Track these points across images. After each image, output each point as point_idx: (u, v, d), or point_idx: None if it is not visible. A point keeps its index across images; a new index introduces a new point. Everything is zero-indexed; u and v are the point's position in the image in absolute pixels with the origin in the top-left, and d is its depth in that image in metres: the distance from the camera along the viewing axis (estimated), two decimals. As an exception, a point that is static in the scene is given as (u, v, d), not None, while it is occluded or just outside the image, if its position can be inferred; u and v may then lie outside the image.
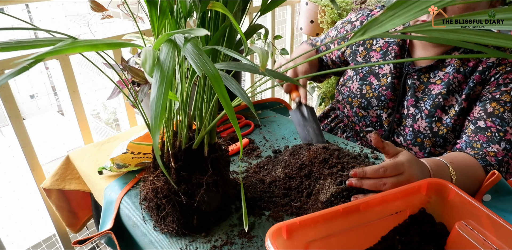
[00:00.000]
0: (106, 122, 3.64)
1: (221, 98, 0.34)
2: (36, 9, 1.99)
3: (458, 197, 0.51)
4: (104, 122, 3.64)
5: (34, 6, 1.49)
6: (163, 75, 0.33)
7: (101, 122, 3.60)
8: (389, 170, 0.56)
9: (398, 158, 0.60)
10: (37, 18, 2.66)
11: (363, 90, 0.94)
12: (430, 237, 0.53)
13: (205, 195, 0.62)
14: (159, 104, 0.30)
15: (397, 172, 0.57)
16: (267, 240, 0.44)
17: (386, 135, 0.94)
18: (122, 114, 1.22)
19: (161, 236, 0.63)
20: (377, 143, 0.59)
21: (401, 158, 0.59)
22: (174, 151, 0.63)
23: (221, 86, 0.34)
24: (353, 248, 0.52)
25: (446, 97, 0.84)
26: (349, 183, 0.58)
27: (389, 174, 0.56)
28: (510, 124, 0.78)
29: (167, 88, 0.31)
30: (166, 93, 0.31)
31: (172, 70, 0.35)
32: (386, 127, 0.94)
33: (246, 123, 1.03)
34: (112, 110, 3.70)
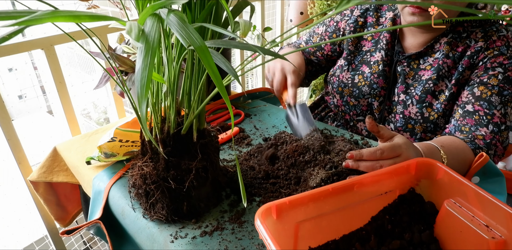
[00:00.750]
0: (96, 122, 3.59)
1: (209, 70, 0.34)
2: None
3: (446, 176, 0.51)
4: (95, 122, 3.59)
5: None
6: (148, 46, 0.32)
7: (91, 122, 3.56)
8: (386, 152, 0.56)
9: (395, 140, 0.59)
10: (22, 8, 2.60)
11: (355, 80, 0.94)
12: (420, 216, 0.53)
13: (195, 180, 0.61)
14: (144, 75, 0.29)
15: (394, 154, 0.57)
16: (257, 220, 0.43)
17: (377, 122, 0.94)
18: (111, 107, 1.20)
19: (151, 224, 0.63)
20: (372, 127, 0.58)
21: (397, 140, 0.59)
22: (162, 136, 0.62)
23: (209, 58, 0.34)
24: (343, 228, 0.52)
25: (436, 82, 0.85)
26: (346, 164, 0.58)
27: (386, 156, 0.56)
28: (498, 107, 0.79)
29: (152, 58, 0.30)
30: (151, 64, 0.30)
31: (157, 41, 0.34)
32: (377, 115, 0.94)
33: (236, 113, 1.03)
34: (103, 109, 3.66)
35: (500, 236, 0.44)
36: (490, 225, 0.45)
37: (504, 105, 0.79)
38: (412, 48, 0.89)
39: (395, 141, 0.59)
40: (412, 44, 0.89)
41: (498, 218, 0.45)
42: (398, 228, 0.52)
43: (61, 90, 1.01)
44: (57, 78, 0.99)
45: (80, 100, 1.64)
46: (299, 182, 0.67)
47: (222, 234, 0.59)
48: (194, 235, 0.59)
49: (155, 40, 0.34)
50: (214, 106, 1.06)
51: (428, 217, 0.53)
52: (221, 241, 0.58)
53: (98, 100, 2.14)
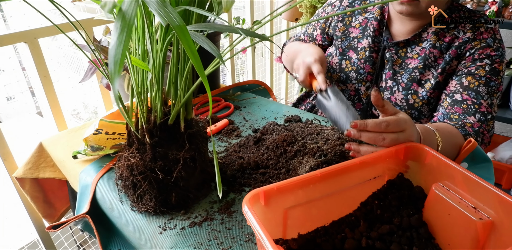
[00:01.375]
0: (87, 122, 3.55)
1: (188, 50, 0.33)
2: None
3: (434, 159, 0.51)
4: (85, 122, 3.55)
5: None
6: (124, 23, 0.31)
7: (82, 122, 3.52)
8: (392, 125, 0.53)
9: (400, 115, 0.57)
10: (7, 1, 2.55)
11: (343, 65, 0.95)
12: (408, 201, 0.53)
13: (183, 171, 0.60)
14: (119, 51, 0.28)
15: (399, 129, 0.54)
16: (244, 206, 0.43)
17: (364, 108, 0.95)
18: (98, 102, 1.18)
19: (139, 216, 0.62)
20: (378, 100, 0.55)
21: (403, 116, 0.56)
22: (148, 126, 0.61)
23: (188, 38, 0.33)
24: (332, 214, 0.52)
25: (422, 71, 0.85)
26: (348, 133, 0.55)
27: (391, 130, 0.53)
28: (484, 98, 0.79)
29: (128, 36, 0.29)
30: (126, 41, 0.29)
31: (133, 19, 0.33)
32: (364, 100, 0.94)
33: (225, 105, 1.02)
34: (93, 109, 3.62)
35: (488, 217, 0.44)
36: (478, 206, 0.45)
37: (491, 96, 0.80)
38: (400, 35, 0.89)
39: (400, 116, 0.56)
40: (400, 31, 0.89)
41: (485, 200, 0.45)
42: (387, 213, 0.52)
43: (46, 84, 0.99)
44: (41, 72, 0.97)
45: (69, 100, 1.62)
46: (288, 171, 0.67)
47: (212, 225, 0.59)
48: (183, 226, 0.58)
49: (132, 18, 0.33)
50: (203, 99, 1.05)
51: (417, 201, 0.52)
52: (211, 231, 0.57)
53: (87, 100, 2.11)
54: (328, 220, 0.51)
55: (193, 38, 0.37)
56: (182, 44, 0.33)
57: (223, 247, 0.54)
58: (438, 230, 0.50)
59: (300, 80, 0.83)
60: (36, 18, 1.46)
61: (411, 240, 0.49)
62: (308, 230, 0.50)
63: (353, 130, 0.55)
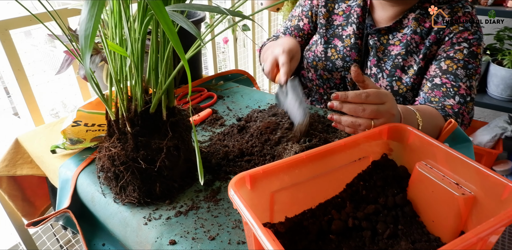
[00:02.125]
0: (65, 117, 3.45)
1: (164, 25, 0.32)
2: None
3: (417, 139, 0.52)
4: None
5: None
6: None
7: (61, 121, 3.42)
8: (372, 96, 0.54)
9: (380, 89, 0.57)
10: None
11: (328, 53, 0.94)
12: (393, 181, 0.53)
13: (166, 160, 0.59)
14: (89, 25, 0.27)
15: (379, 101, 0.55)
16: (230, 190, 0.42)
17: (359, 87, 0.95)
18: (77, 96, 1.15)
19: (122, 208, 0.60)
20: (357, 76, 0.55)
21: (383, 90, 0.57)
22: (129, 115, 0.59)
23: (164, 14, 0.32)
24: (319, 197, 0.52)
25: (405, 57, 0.86)
26: (330, 104, 0.55)
27: (371, 101, 0.54)
28: (463, 80, 0.81)
29: (99, 10, 0.28)
30: (98, 15, 0.28)
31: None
32: (350, 88, 0.95)
33: (208, 95, 1.01)
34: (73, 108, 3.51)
35: (470, 192, 0.45)
36: (460, 182, 0.46)
37: (469, 78, 0.82)
38: (382, 22, 0.90)
39: (381, 90, 0.57)
40: (382, 17, 0.90)
41: (467, 176, 0.46)
42: (372, 193, 0.52)
43: (20, 78, 0.95)
44: (15, 66, 0.93)
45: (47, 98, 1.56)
46: (273, 157, 0.67)
47: (198, 213, 0.58)
48: (169, 215, 0.57)
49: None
50: (185, 90, 1.03)
51: (401, 181, 0.53)
52: (197, 220, 0.56)
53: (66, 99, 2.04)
54: (315, 203, 0.51)
55: (171, 17, 0.36)
56: (159, 21, 0.31)
57: (210, 235, 0.53)
58: (422, 207, 0.50)
59: (266, 71, 0.80)
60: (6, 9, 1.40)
61: (396, 219, 0.50)
62: (295, 213, 0.50)
63: (335, 101, 0.55)
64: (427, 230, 0.49)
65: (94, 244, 0.68)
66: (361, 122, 0.54)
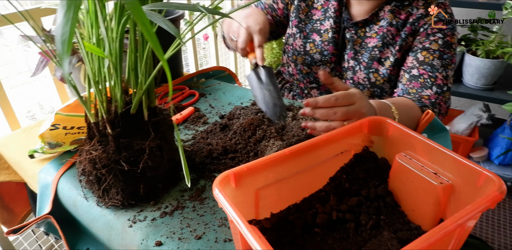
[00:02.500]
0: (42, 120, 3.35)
1: (142, 26, 0.31)
2: None
3: (396, 131, 0.53)
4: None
5: None
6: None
7: (38, 123, 3.32)
8: (341, 99, 0.56)
9: (350, 90, 0.59)
10: None
11: (307, 47, 0.95)
12: (374, 172, 0.54)
13: (149, 160, 0.59)
14: (66, 29, 0.26)
15: (348, 102, 0.57)
16: (215, 189, 0.42)
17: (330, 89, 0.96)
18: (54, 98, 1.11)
19: (106, 211, 0.59)
20: (326, 79, 0.57)
21: (352, 90, 0.59)
22: (110, 117, 0.58)
23: (141, 14, 0.31)
24: (303, 191, 0.52)
25: (381, 49, 0.87)
26: (302, 112, 0.57)
27: (341, 103, 0.56)
28: (439, 70, 0.83)
29: (75, 13, 0.27)
30: (74, 19, 0.27)
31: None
32: None
33: (190, 93, 1.00)
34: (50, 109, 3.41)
35: (448, 181, 0.46)
36: (438, 172, 0.48)
37: (445, 68, 0.84)
38: (359, 16, 0.91)
39: (350, 90, 0.58)
40: (358, 11, 0.91)
41: (445, 165, 0.47)
42: (355, 186, 0.53)
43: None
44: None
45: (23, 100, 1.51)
46: (257, 154, 0.67)
47: (183, 213, 0.58)
48: (154, 217, 0.57)
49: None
50: (166, 88, 1.02)
51: (382, 172, 0.54)
52: (183, 220, 0.56)
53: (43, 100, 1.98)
54: (299, 197, 0.52)
55: (149, 17, 0.35)
56: (137, 22, 0.31)
57: (197, 234, 0.53)
58: (402, 197, 0.52)
59: (240, 46, 0.77)
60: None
61: (379, 210, 0.51)
62: (280, 209, 0.50)
63: (307, 108, 0.57)
64: (408, 219, 0.50)
65: (78, 249, 0.67)
66: (335, 125, 0.56)
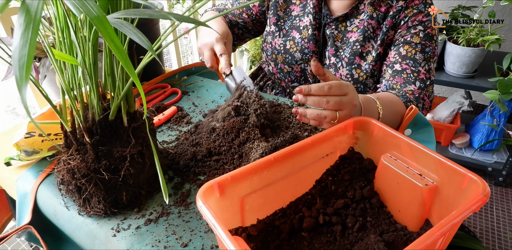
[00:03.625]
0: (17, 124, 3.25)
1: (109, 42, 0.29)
2: None
3: (381, 131, 0.52)
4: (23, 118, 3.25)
5: None
6: (29, 18, 0.26)
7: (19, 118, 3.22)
8: (334, 88, 0.55)
9: (342, 81, 0.58)
10: None
11: (287, 46, 0.93)
12: (360, 173, 0.54)
13: (131, 168, 0.57)
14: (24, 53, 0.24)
15: (341, 92, 0.55)
16: (198, 200, 0.41)
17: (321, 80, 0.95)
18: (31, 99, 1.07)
19: (88, 220, 0.58)
20: (318, 70, 0.56)
21: (344, 82, 0.58)
22: (87, 125, 0.56)
23: (109, 29, 0.29)
24: (289, 196, 0.52)
25: (363, 43, 0.86)
26: (295, 98, 0.56)
27: (333, 92, 0.55)
28: (422, 64, 0.83)
29: (34, 33, 0.25)
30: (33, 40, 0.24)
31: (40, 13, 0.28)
32: (311, 80, 0.95)
33: (172, 91, 0.97)
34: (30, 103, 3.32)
35: (432, 182, 0.46)
36: (423, 173, 0.48)
37: (428, 61, 0.84)
38: (338, 10, 0.89)
39: (342, 81, 0.57)
40: (338, 6, 0.89)
41: (429, 166, 0.47)
42: (341, 188, 0.53)
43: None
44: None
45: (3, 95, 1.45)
46: (241, 156, 0.66)
47: (168, 219, 0.56)
48: (138, 225, 0.56)
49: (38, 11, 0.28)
50: (148, 87, 0.99)
51: (368, 173, 0.54)
52: (168, 227, 0.55)
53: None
54: (286, 202, 0.52)
55: (119, 29, 0.33)
56: (102, 36, 0.29)
57: (183, 241, 0.52)
58: (388, 198, 0.52)
59: (208, 66, 0.81)
60: None
61: (365, 211, 0.51)
62: (266, 214, 0.50)
63: (299, 95, 0.55)
64: (394, 220, 0.51)
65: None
66: (326, 114, 0.55)
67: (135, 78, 0.32)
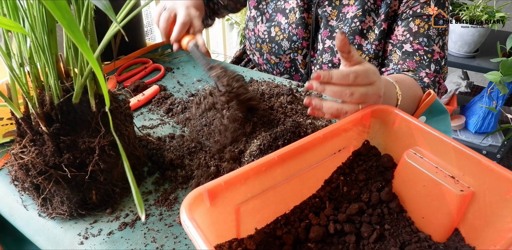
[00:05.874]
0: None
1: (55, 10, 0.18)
2: None
3: (404, 122, 0.44)
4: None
5: None
6: None
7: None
8: (361, 76, 0.43)
9: (367, 65, 0.46)
10: None
11: (272, 33, 0.81)
12: (377, 172, 0.46)
13: (101, 162, 0.47)
14: None
15: (367, 82, 0.44)
16: (183, 213, 0.32)
17: (305, 78, 0.85)
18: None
19: (51, 223, 0.48)
20: (344, 45, 0.44)
21: (370, 66, 0.46)
22: (44, 110, 0.45)
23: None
24: (293, 199, 0.43)
25: (362, 19, 0.75)
26: (309, 85, 0.44)
27: (359, 82, 0.43)
28: (436, 41, 0.73)
29: None
30: None
31: None
32: (303, 71, 0.84)
33: (154, 68, 0.85)
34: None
35: (469, 187, 0.38)
36: (456, 176, 0.40)
37: (442, 36, 0.74)
38: None
39: (367, 66, 0.46)
40: None
41: (465, 167, 0.39)
42: (354, 189, 0.45)
43: None
44: None
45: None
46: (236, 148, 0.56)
47: (147, 223, 0.48)
48: (111, 229, 0.47)
49: None
50: (126, 62, 0.87)
51: (386, 172, 0.46)
52: (147, 232, 0.46)
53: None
54: (289, 206, 0.43)
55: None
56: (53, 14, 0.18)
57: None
58: (409, 202, 0.44)
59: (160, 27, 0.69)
60: None
61: (382, 217, 0.44)
62: (266, 222, 0.41)
63: (315, 82, 0.43)
64: (416, 227, 0.43)
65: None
66: (348, 109, 0.44)
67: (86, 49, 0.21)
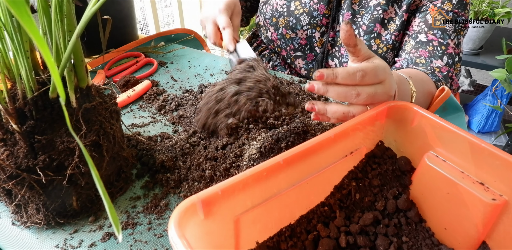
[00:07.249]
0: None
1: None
2: None
3: (424, 121, 0.39)
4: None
5: None
6: None
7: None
8: (369, 75, 0.38)
9: (376, 62, 0.41)
10: None
11: (291, 7, 0.77)
12: (393, 177, 0.41)
13: (82, 164, 0.42)
14: None
15: (376, 80, 0.40)
16: (171, 228, 0.27)
17: (319, 58, 0.80)
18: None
19: (25, 233, 0.43)
20: (349, 37, 0.39)
21: (380, 62, 0.41)
22: (16, 105, 0.40)
23: None
24: (300, 207, 0.38)
25: (385, 8, 0.71)
26: (310, 87, 0.39)
27: (367, 81, 0.39)
28: (451, 36, 0.69)
29: None
30: None
31: None
32: (319, 50, 0.79)
33: (146, 62, 0.80)
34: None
35: (501, 195, 0.34)
36: (486, 182, 0.35)
37: (458, 34, 0.69)
38: None
39: (377, 62, 0.41)
40: None
41: (497, 173, 0.34)
42: (368, 197, 0.40)
43: None
44: None
45: None
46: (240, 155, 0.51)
47: (135, 233, 0.42)
48: (93, 241, 0.41)
49: None
50: (116, 55, 0.81)
51: (403, 177, 0.41)
52: (134, 244, 0.41)
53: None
54: (294, 216, 0.38)
55: None
56: None
57: (154, 267, 0.39)
58: (430, 210, 0.39)
59: (211, 42, 0.68)
60: None
61: (399, 228, 0.39)
62: (269, 235, 0.36)
63: (317, 83, 0.38)
64: (436, 240, 0.38)
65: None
66: (355, 112, 0.39)
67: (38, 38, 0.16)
